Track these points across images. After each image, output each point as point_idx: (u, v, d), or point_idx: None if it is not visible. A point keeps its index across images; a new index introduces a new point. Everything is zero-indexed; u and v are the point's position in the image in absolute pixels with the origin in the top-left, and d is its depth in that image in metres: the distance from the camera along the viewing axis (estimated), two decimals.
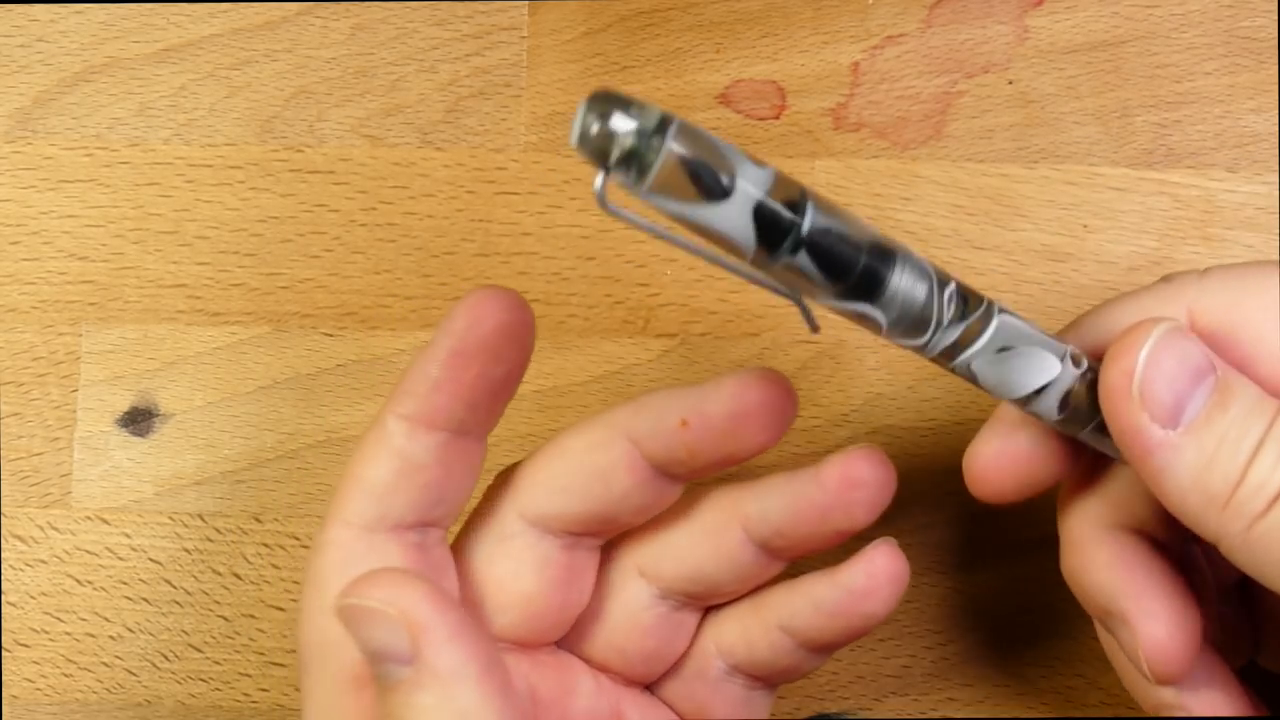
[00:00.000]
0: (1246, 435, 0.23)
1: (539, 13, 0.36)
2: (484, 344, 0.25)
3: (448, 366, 0.25)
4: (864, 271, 0.23)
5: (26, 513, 0.34)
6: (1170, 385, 0.23)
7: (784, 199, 0.22)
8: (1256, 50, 0.35)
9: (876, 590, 0.27)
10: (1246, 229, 0.34)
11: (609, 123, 0.20)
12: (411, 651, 0.23)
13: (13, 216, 0.35)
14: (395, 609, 0.23)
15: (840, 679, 0.34)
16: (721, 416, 0.25)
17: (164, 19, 0.36)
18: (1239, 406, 0.23)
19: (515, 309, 0.25)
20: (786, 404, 0.26)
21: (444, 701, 0.23)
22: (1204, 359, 0.23)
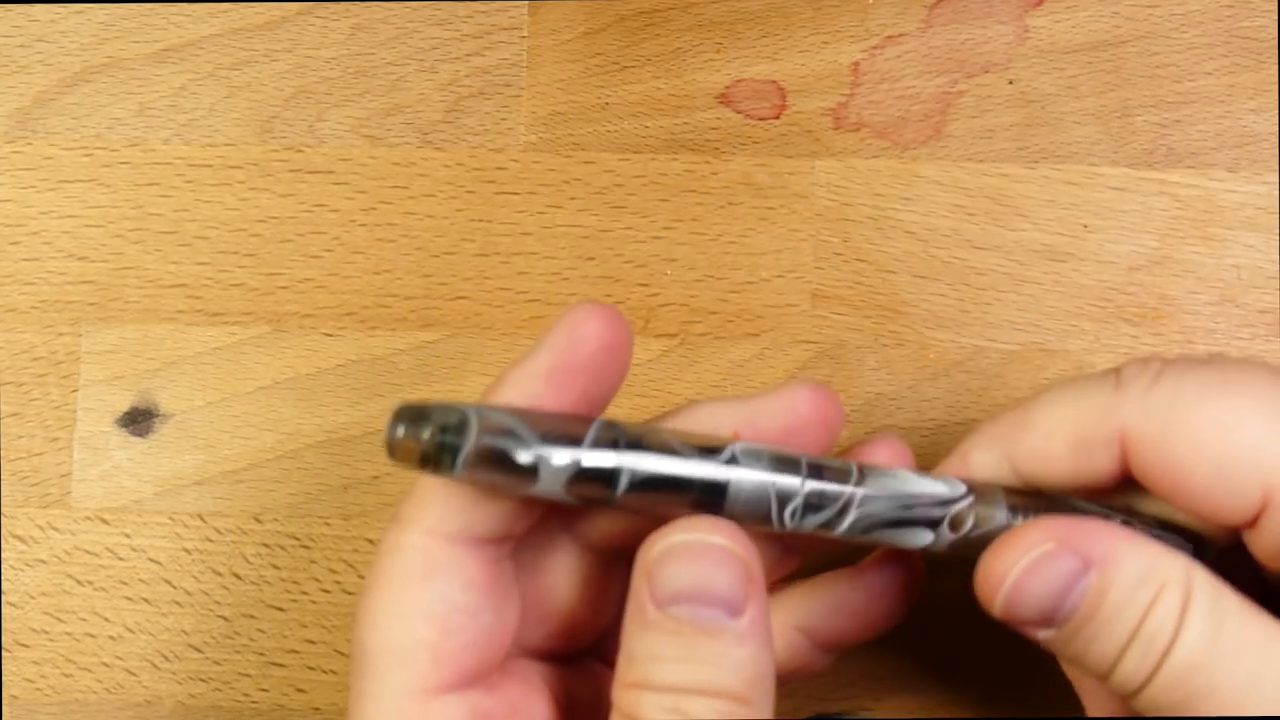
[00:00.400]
0: (1121, 621, 0.24)
1: (539, 13, 0.36)
2: (589, 361, 0.25)
3: (550, 383, 0.24)
4: (702, 489, 0.24)
5: (26, 513, 0.34)
6: (1036, 603, 0.24)
7: (600, 454, 0.23)
8: (1256, 50, 0.35)
9: (893, 591, 0.27)
10: (1246, 229, 0.34)
11: (408, 433, 0.23)
12: (742, 604, 0.23)
13: (13, 216, 0.35)
14: (740, 556, 0.23)
15: (840, 679, 0.34)
16: (774, 430, 0.25)
17: (164, 19, 0.36)
18: (1113, 599, 0.24)
19: (617, 327, 0.25)
20: (835, 417, 0.26)
21: (756, 657, 0.23)
22: (1071, 572, 0.24)
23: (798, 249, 0.35)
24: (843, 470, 0.25)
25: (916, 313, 0.34)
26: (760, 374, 0.34)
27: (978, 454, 0.26)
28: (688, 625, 0.23)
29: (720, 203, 0.35)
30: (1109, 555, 0.24)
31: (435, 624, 0.24)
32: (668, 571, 0.23)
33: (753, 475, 0.24)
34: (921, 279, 0.34)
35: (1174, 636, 0.23)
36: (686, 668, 0.23)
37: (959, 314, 0.34)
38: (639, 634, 0.24)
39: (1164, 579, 0.24)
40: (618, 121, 0.35)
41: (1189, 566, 0.24)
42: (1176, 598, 0.24)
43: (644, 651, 0.23)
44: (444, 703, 0.24)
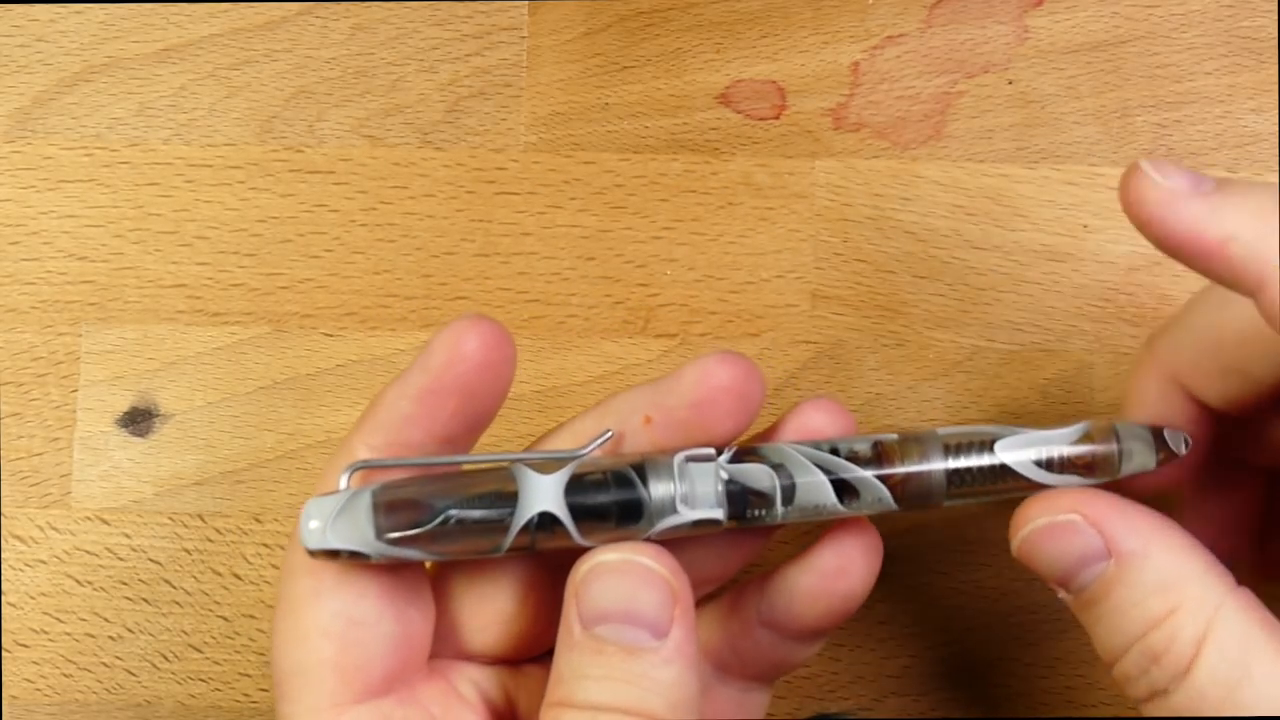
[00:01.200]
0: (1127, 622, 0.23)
1: (539, 13, 0.36)
2: (461, 382, 0.24)
3: (420, 403, 0.24)
4: (620, 507, 0.24)
5: (26, 513, 0.34)
6: (1048, 565, 0.24)
7: (495, 501, 0.24)
8: (1256, 50, 0.35)
9: (849, 568, 0.26)
10: None
11: (316, 523, 0.24)
12: (667, 625, 0.23)
13: (13, 216, 0.35)
14: (665, 577, 0.23)
15: (840, 679, 0.34)
16: (683, 407, 0.25)
17: (164, 19, 0.36)
18: (1122, 596, 0.23)
19: (496, 345, 0.24)
20: (750, 386, 0.25)
21: (680, 679, 0.23)
22: (1089, 550, 0.24)
23: (798, 249, 0.35)
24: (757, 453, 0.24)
25: (916, 313, 0.34)
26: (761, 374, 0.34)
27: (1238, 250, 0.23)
28: (612, 645, 0.23)
29: (720, 203, 0.35)
30: (1134, 552, 0.23)
31: (333, 640, 0.24)
32: (594, 591, 0.24)
33: (663, 488, 0.24)
34: (921, 279, 0.34)
35: (1187, 667, 0.23)
36: (610, 687, 0.23)
37: (959, 314, 0.34)
38: (565, 653, 0.24)
39: (1182, 599, 0.23)
40: (618, 121, 0.35)
41: (1224, 595, 0.23)
42: (1196, 624, 0.23)
43: (570, 670, 0.23)
44: (355, 714, 0.24)
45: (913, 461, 0.25)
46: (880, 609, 0.34)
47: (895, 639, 0.34)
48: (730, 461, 0.25)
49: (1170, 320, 0.27)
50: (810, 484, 0.24)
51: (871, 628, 0.34)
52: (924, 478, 0.25)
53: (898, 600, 0.34)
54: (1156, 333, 0.28)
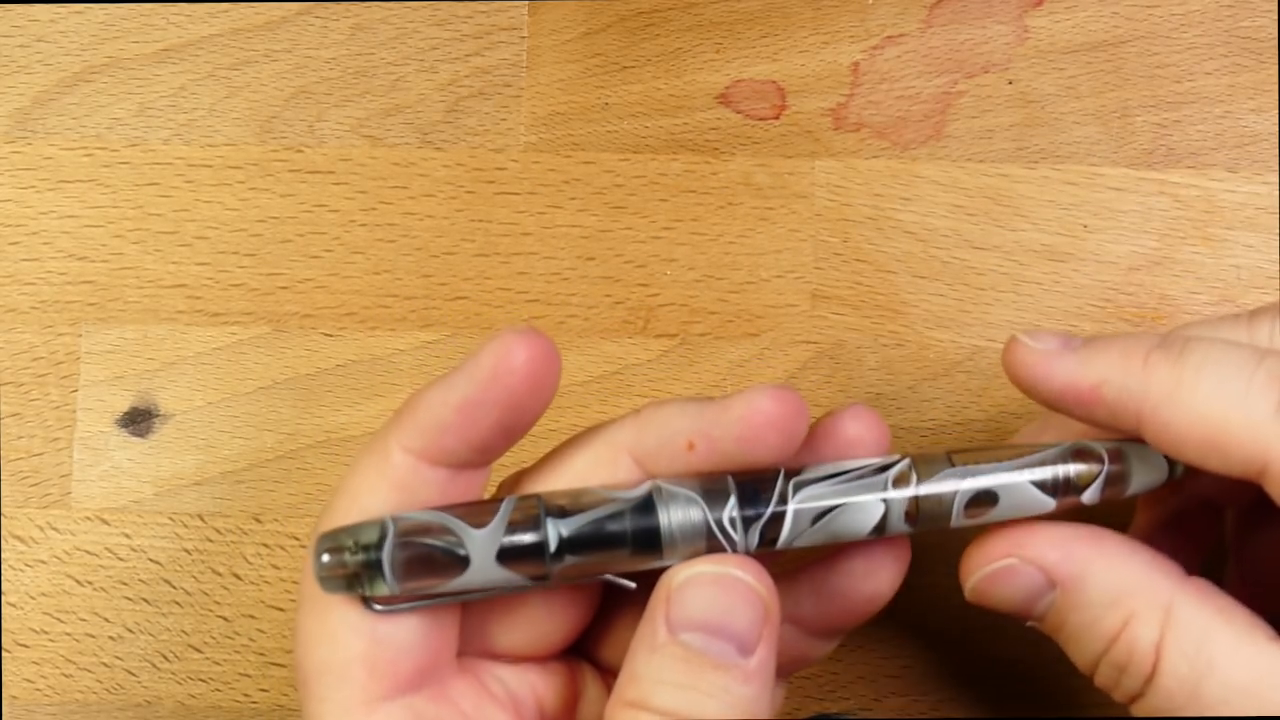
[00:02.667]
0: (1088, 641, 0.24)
1: (539, 13, 0.36)
2: (506, 396, 0.24)
3: (462, 413, 0.24)
4: (636, 535, 0.24)
5: (26, 513, 0.34)
6: (1002, 605, 0.25)
7: (524, 528, 0.24)
8: (1256, 50, 0.35)
9: (878, 570, 0.26)
10: (1246, 229, 0.34)
11: (332, 560, 0.24)
12: (755, 643, 0.24)
13: (13, 216, 0.35)
14: (762, 595, 0.24)
15: (840, 679, 0.34)
16: (730, 439, 0.25)
17: (164, 19, 0.36)
18: (1076, 620, 0.25)
19: (545, 360, 0.24)
20: (796, 423, 0.25)
21: (756, 698, 0.23)
22: (1034, 587, 0.25)
23: (798, 249, 0.35)
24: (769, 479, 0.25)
25: (916, 313, 0.34)
26: (760, 374, 0.34)
27: (1112, 392, 0.24)
28: (697, 655, 0.23)
29: (720, 203, 0.35)
30: (1075, 576, 0.24)
31: (363, 637, 0.24)
32: (689, 599, 0.24)
33: (683, 514, 0.24)
34: (921, 279, 0.34)
35: (1151, 671, 0.23)
36: (687, 696, 0.23)
37: (959, 314, 0.34)
38: (647, 655, 0.24)
39: (1133, 607, 0.24)
40: (618, 121, 0.35)
41: (1173, 594, 0.24)
42: (1150, 630, 0.24)
43: (649, 673, 0.23)
44: (386, 711, 0.24)
45: (924, 480, 0.25)
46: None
47: (895, 639, 0.34)
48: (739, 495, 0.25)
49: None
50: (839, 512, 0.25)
51: (871, 628, 0.34)
52: (934, 501, 0.25)
53: (898, 600, 0.34)
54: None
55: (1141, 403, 0.24)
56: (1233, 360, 0.24)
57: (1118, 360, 0.25)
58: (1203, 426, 0.23)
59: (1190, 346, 0.24)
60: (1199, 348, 0.24)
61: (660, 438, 0.25)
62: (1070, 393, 0.25)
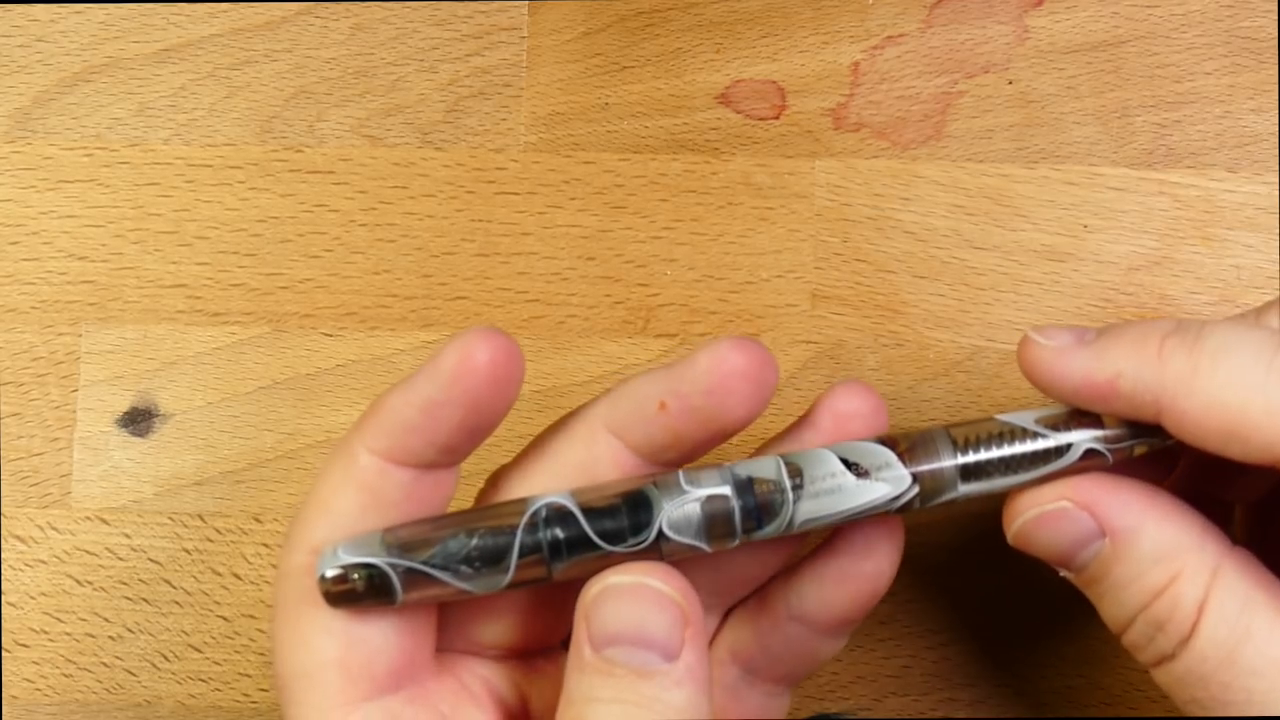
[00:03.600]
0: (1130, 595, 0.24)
1: (539, 13, 0.36)
2: (469, 395, 0.24)
3: (426, 414, 0.24)
4: (633, 527, 0.24)
5: (26, 513, 0.34)
6: (1045, 550, 0.25)
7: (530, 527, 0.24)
8: (1256, 50, 0.35)
9: (875, 545, 0.26)
10: (1246, 229, 0.34)
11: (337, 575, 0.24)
12: (677, 647, 0.23)
13: (13, 216, 0.35)
14: (675, 599, 0.24)
15: (840, 679, 0.34)
16: (699, 393, 0.25)
17: (164, 19, 0.36)
18: (1122, 572, 0.24)
19: (507, 360, 0.24)
20: (765, 371, 0.25)
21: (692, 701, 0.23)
22: (1083, 533, 0.24)
23: (798, 249, 0.35)
24: (775, 482, 0.24)
25: (916, 313, 0.34)
26: None
27: (1129, 384, 0.24)
28: (622, 667, 0.23)
29: (720, 203, 0.35)
30: (1128, 528, 0.24)
31: (336, 640, 0.24)
32: (604, 613, 0.24)
33: (678, 506, 0.24)
34: (921, 279, 0.34)
35: (1189, 632, 0.23)
36: (621, 710, 0.23)
37: (959, 314, 0.34)
38: (576, 675, 0.24)
39: (1180, 567, 0.23)
40: (618, 121, 0.35)
41: (1220, 558, 0.23)
42: (1196, 589, 0.23)
43: (580, 693, 0.23)
44: (363, 712, 0.24)
45: (916, 439, 0.25)
46: (880, 609, 0.34)
47: (895, 639, 0.34)
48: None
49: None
50: (815, 459, 0.25)
51: (872, 628, 0.34)
52: (931, 449, 0.25)
53: (898, 600, 0.34)
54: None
55: (1159, 393, 0.24)
56: (1250, 345, 0.23)
57: (1132, 350, 0.24)
58: (1222, 414, 0.23)
59: (1206, 331, 0.24)
60: (1215, 332, 0.24)
61: (631, 405, 0.25)
62: (1087, 388, 0.24)
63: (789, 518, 0.24)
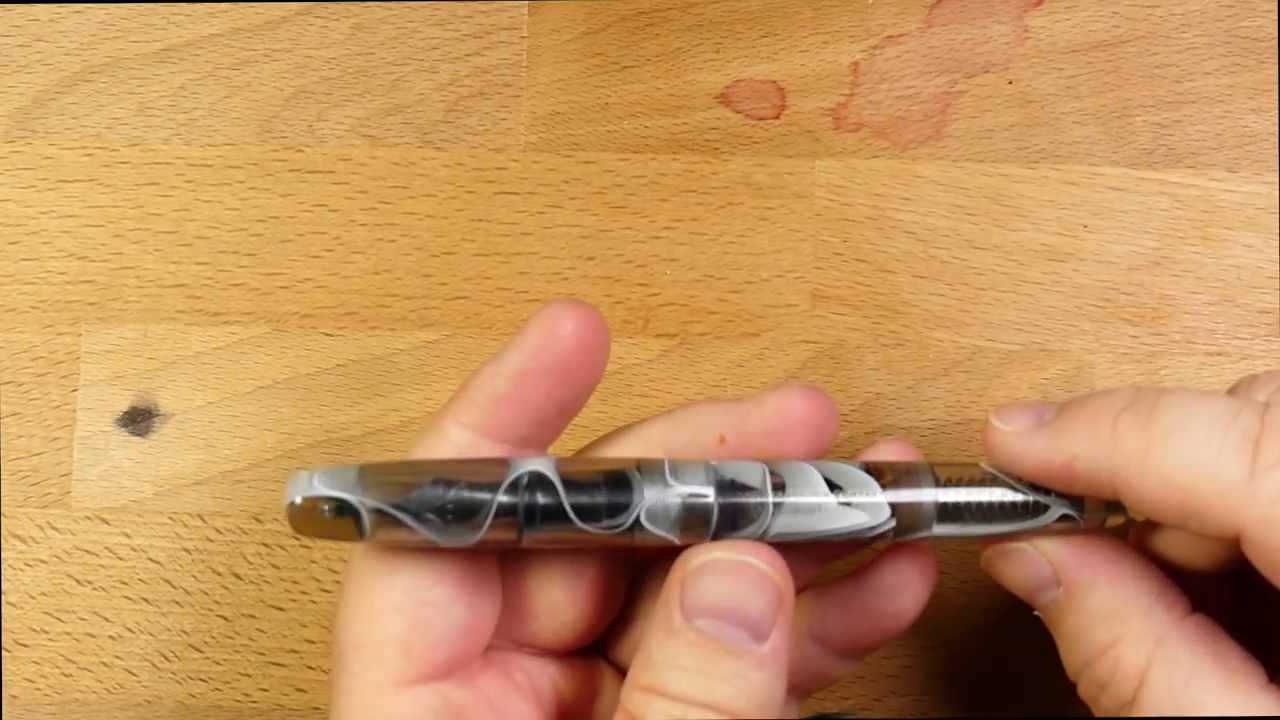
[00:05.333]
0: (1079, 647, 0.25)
1: (539, 13, 0.36)
2: (558, 363, 0.25)
3: (516, 383, 0.25)
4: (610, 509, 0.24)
5: (26, 513, 0.34)
6: (1012, 585, 0.26)
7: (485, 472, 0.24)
8: (1256, 50, 0.35)
9: (904, 588, 0.27)
10: (1246, 229, 0.34)
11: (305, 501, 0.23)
12: (768, 629, 0.24)
13: (13, 216, 0.35)
14: (776, 582, 0.24)
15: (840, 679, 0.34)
16: (761, 434, 0.25)
17: (164, 19, 0.36)
18: (1072, 624, 0.25)
19: (593, 329, 0.25)
20: (826, 421, 0.26)
21: (770, 684, 0.23)
22: (1041, 577, 0.25)
23: (798, 249, 0.35)
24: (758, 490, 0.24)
25: (916, 313, 0.34)
26: (760, 374, 0.34)
27: (1084, 466, 0.24)
28: (711, 640, 0.23)
29: (720, 203, 0.35)
30: (1080, 583, 0.25)
31: (404, 618, 0.25)
32: (703, 585, 0.24)
33: (659, 496, 0.24)
34: (921, 279, 0.34)
35: (1131, 697, 0.24)
36: (701, 681, 0.23)
37: (959, 314, 0.34)
38: (662, 640, 0.24)
39: (1124, 630, 0.24)
40: (618, 121, 0.35)
41: (1168, 627, 0.24)
42: (1138, 657, 0.24)
43: (663, 658, 0.23)
44: (415, 693, 0.25)
45: (902, 472, 0.25)
46: None
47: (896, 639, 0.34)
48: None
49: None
50: (801, 477, 0.25)
51: None
52: (913, 481, 0.25)
53: None
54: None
55: (1113, 474, 0.24)
56: (1203, 420, 0.23)
57: (1086, 432, 0.24)
58: (1177, 494, 0.23)
59: (1161, 405, 0.23)
60: (1170, 406, 0.23)
61: (692, 432, 0.26)
62: (1044, 472, 0.25)
63: (764, 529, 0.24)
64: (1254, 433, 0.22)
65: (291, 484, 0.23)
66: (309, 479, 0.23)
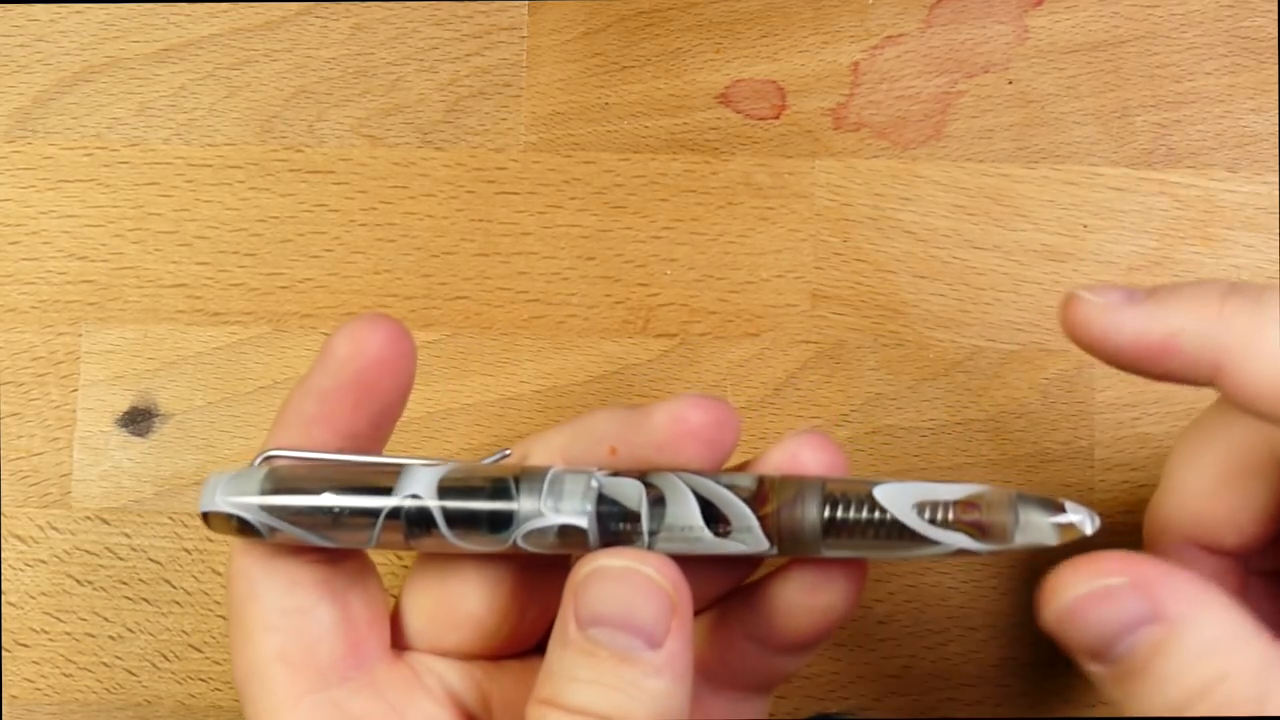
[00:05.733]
0: (1171, 688, 0.21)
1: (539, 13, 0.36)
2: (359, 379, 0.25)
3: (323, 402, 0.25)
4: (490, 495, 0.24)
5: (26, 513, 0.34)
6: (1091, 633, 0.22)
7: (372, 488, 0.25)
8: (1256, 50, 0.35)
9: (828, 581, 0.26)
10: (1246, 229, 0.34)
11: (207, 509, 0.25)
12: (662, 636, 0.23)
13: (13, 216, 0.35)
14: (665, 588, 0.23)
15: (840, 679, 0.34)
16: (649, 445, 0.25)
17: (164, 19, 0.36)
18: (1170, 663, 0.22)
19: (393, 341, 0.25)
20: (723, 432, 0.25)
21: (669, 691, 0.23)
22: (1136, 615, 0.22)
23: (798, 249, 0.35)
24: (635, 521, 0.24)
25: (916, 313, 0.34)
26: (760, 374, 0.34)
27: (1189, 342, 0.23)
28: (604, 649, 0.23)
29: (720, 203, 0.35)
30: (1184, 616, 0.22)
31: (275, 633, 0.25)
32: (593, 594, 0.23)
33: (536, 526, 0.24)
34: (921, 279, 0.34)
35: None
36: (598, 692, 0.23)
37: (959, 314, 0.34)
38: (558, 651, 0.24)
39: (1230, 665, 0.21)
40: (618, 121, 0.35)
41: (1270, 657, 0.22)
42: (1248, 690, 0.21)
43: (560, 669, 0.23)
44: (310, 703, 0.25)
45: (787, 498, 0.24)
46: (880, 609, 0.34)
47: (895, 639, 0.34)
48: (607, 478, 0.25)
49: (1155, 497, 0.27)
50: (679, 503, 0.24)
51: (871, 628, 0.34)
52: (795, 516, 0.24)
53: (898, 600, 0.34)
54: (1149, 512, 0.27)
55: (1221, 353, 0.22)
56: None
57: (1192, 309, 0.23)
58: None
59: (1268, 293, 0.23)
60: (1276, 292, 0.23)
61: (587, 442, 0.26)
62: (1141, 346, 0.23)
63: (645, 547, 0.24)
64: None
65: (204, 488, 0.25)
66: (214, 492, 0.25)
